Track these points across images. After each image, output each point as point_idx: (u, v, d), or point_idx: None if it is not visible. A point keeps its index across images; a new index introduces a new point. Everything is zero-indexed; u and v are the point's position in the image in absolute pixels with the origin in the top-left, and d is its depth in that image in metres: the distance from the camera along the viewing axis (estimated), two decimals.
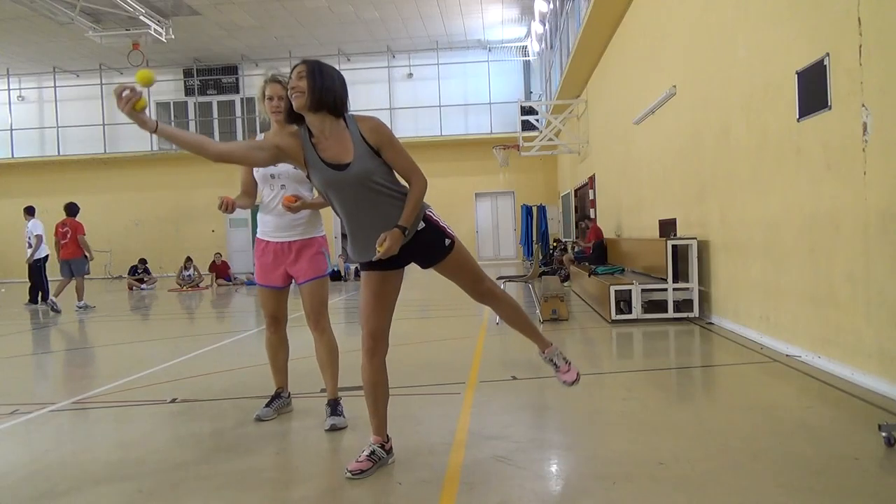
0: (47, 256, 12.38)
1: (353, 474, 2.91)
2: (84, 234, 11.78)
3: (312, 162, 2.82)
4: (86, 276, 12.01)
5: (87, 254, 11.79)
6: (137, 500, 2.78)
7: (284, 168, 3.66)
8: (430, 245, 2.93)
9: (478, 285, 3.09)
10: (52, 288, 11.91)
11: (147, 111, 2.66)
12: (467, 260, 3.04)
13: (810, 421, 3.56)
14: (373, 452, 3.01)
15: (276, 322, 3.91)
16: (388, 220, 2.79)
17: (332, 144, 2.81)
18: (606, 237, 11.99)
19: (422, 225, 2.88)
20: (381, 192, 2.82)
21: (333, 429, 3.67)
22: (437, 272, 3.05)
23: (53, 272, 12.01)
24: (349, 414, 3.84)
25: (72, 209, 12.04)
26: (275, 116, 3.75)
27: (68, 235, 11.72)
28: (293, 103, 2.78)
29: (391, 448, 3.09)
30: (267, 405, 3.90)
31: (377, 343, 3.00)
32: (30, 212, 12.66)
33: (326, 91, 2.76)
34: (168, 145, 23.61)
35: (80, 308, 11.42)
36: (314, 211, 3.84)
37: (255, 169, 3.74)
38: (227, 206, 3.57)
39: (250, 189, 3.83)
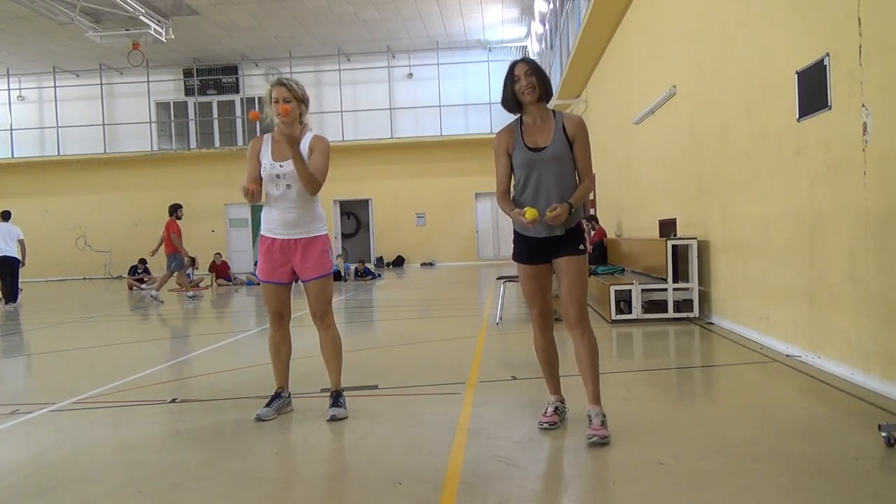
0: (17, 259, 12.80)
1: (549, 425, 3.42)
2: (174, 233, 12.34)
3: (518, 145, 3.41)
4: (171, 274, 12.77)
5: (179, 249, 12.43)
6: (137, 500, 2.77)
7: (290, 168, 3.71)
8: (572, 241, 3.42)
9: (573, 304, 3.42)
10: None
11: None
12: (584, 276, 3.49)
13: (810, 421, 3.56)
14: (556, 408, 3.53)
15: (280, 319, 3.94)
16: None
17: (537, 131, 3.40)
18: (607, 237, 12.00)
19: (575, 223, 3.43)
20: (568, 176, 3.39)
21: (333, 419, 3.75)
22: (556, 271, 3.49)
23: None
24: (350, 413, 3.85)
25: (170, 209, 12.68)
26: (281, 119, 3.78)
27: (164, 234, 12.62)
28: (526, 98, 3.36)
29: (564, 400, 3.62)
30: (267, 405, 3.90)
31: (546, 320, 3.55)
32: (3, 216, 13.04)
33: (548, 83, 3.41)
34: (168, 145, 23.65)
35: (154, 297, 12.24)
36: (318, 210, 3.91)
37: (262, 169, 3.79)
38: (254, 194, 3.68)
39: (258, 181, 3.84)
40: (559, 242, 3.41)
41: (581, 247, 3.43)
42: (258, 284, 4.20)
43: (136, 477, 3.04)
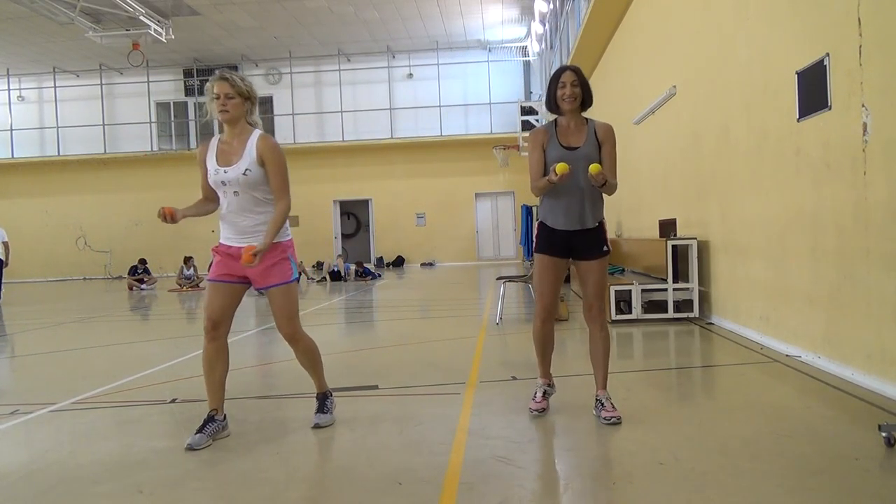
0: (1, 260, 13.27)
1: (539, 412, 3.63)
2: None
3: (552, 143, 3.68)
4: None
5: None
6: (137, 500, 2.77)
7: (234, 175, 3.42)
8: (595, 242, 3.72)
9: (597, 300, 3.76)
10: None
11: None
12: (605, 274, 3.83)
13: (810, 421, 3.56)
14: (545, 392, 3.76)
15: (216, 328, 3.54)
16: (595, 199, 3.71)
17: (571, 133, 3.69)
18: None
19: (597, 224, 3.73)
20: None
21: (317, 427, 3.62)
22: (577, 271, 3.79)
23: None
24: (346, 415, 3.84)
25: None
26: (221, 116, 3.44)
27: None
28: (565, 105, 3.63)
29: (553, 383, 3.85)
30: (199, 431, 3.43)
31: (550, 313, 3.75)
32: None
33: (590, 93, 3.68)
34: (168, 145, 23.64)
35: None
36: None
37: (207, 175, 3.52)
38: (168, 216, 3.40)
39: (211, 194, 3.59)
40: (586, 242, 3.69)
41: (605, 248, 3.74)
42: None
43: (135, 477, 3.04)
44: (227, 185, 3.45)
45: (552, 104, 3.72)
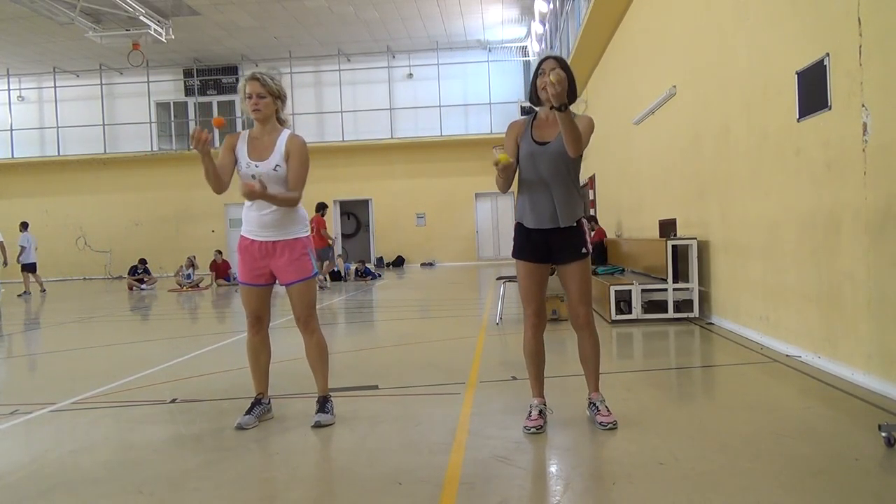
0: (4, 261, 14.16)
1: (537, 429, 3.37)
2: (324, 228, 14.26)
3: (525, 137, 3.54)
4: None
5: (329, 242, 14.48)
6: (137, 500, 2.77)
7: (265, 170, 3.61)
8: (573, 244, 3.50)
9: (582, 306, 3.57)
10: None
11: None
12: (588, 277, 3.59)
13: (810, 421, 3.56)
14: (541, 411, 3.50)
15: (259, 322, 3.82)
16: (566, 196, 3.45)
17: (547, 126, 3.51)
18: (607, 237, 11.99)
19: (575, 223, 3.49)
20: (566, 172, 3.46)
21: (318, 426, 3.67)
22: (559, 276, 3.60)
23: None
24: (346, 415, 3.84)
25: (318, 207, 14.27)
26: (254, 115, 3.66)
27: (313, 230, 14.13)
28: (542, 95, 3.41)
29: (547, 403, 3.59)
30: (247, 412, 3.78)
31: (540, 319, 3.58)
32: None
33: (572, 88, 3.39)
34: (168, 145, 23.63)
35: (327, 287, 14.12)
36: (299, 211, 3.77)
37: (237, 167, 3.69)
38: (202, 141, 3.47)
39: (227, 177, 3.69)
40: (562, 244, 3.48)
41: (584, 250, 3.52)
42: None
43: (135, 477, 3.04)
44: (256, 178, 3.59)
45: (533, 95, 3.56)
